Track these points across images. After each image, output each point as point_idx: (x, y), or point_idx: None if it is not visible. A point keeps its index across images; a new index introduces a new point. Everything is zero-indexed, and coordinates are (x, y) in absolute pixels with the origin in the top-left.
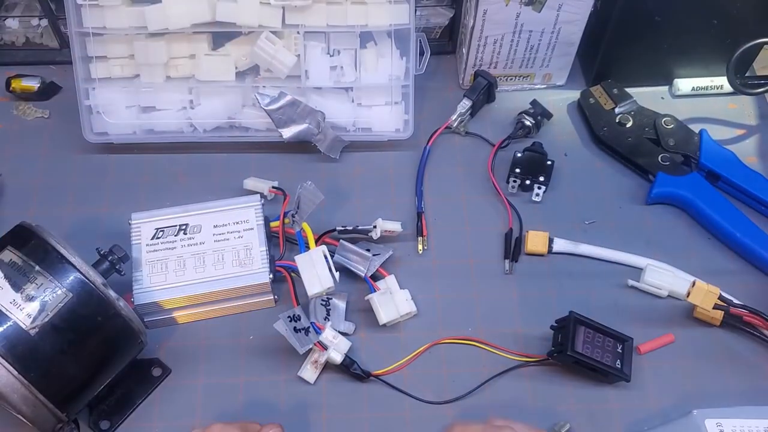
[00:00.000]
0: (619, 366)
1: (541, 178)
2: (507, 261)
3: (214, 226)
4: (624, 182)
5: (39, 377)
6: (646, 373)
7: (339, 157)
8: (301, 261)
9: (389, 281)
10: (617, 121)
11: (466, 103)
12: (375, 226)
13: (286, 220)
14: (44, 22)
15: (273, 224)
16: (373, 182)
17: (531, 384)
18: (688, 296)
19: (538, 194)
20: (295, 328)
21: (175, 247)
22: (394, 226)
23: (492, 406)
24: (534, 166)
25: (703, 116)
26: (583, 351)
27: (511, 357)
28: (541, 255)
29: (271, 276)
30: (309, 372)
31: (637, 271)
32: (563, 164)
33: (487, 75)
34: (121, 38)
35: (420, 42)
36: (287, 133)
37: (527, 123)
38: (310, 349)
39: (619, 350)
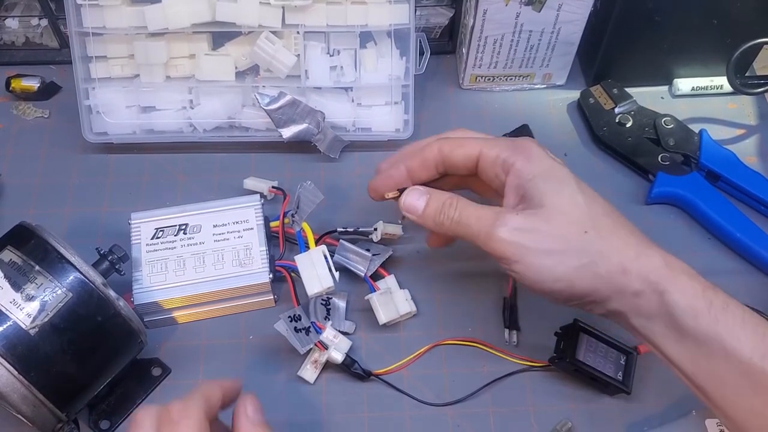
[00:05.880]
0: (620, 378)
1: None
2: None
3: (214, 226)
4: (624, 182)
5: (39, 377)
6: (647, 373)
7: (339, 157)
8: (301, 261)
9: (389, 281)
10: (617, 121)
11: None
12: (376, 229)
13: (286, 220)
14: (44, 22)
15: (273, 224)
16: None
17: (531, 388)
18: None
19: None
20: (295, 328)
21: (174, 247)
22: (395, 230)
23: (492, 408)
24: None
25: (703, 116)
26: (584, 360)
27: (513, 360)
28: None
29: (271, 276)
30: (309, 372)
31: None
32: None
33: None
34: (121, 38)
35: (420, 42)
36: (287, 133)
37: None
38: (310, 349)
39: (621, 362)
